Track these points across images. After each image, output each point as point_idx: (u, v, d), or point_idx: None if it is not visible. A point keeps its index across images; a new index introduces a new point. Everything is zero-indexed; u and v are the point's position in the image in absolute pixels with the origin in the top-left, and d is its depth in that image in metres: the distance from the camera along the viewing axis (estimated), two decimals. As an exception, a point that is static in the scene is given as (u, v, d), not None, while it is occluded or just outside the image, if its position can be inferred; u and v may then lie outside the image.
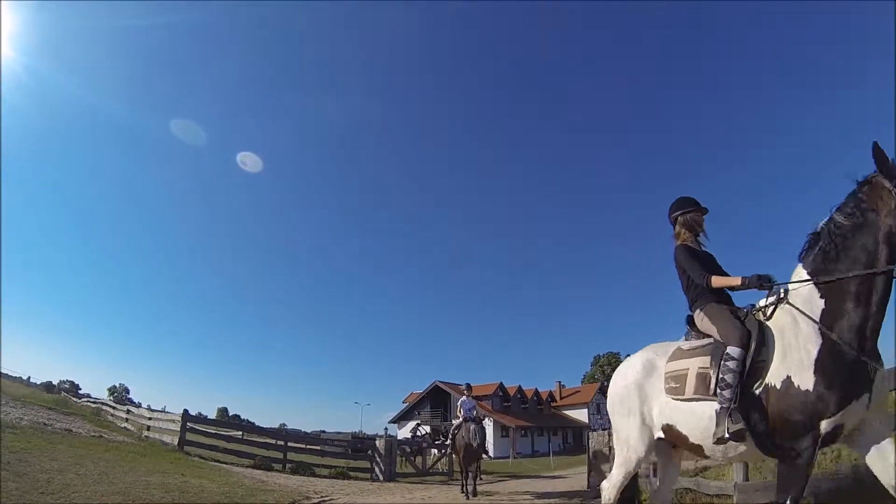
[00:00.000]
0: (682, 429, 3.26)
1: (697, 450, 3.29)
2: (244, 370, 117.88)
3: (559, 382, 59.96)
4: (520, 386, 50.80)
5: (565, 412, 55.82)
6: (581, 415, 54.47)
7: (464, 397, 11.07)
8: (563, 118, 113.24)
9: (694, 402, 3.17)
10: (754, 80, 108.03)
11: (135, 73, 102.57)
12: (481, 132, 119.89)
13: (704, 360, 3.18)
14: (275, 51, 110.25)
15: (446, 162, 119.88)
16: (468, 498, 9.84)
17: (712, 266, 3.58)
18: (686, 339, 3.53)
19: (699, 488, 5.89)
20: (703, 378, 3.14)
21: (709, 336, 3.32)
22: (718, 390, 2.97)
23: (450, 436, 11.91)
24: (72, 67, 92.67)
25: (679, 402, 3.26)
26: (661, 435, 3.41)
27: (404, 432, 46.51)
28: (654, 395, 3.44)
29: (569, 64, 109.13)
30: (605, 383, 65.50)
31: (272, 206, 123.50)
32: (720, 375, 2.98)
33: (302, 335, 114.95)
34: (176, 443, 12.18)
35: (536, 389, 53.74)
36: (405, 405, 52.65)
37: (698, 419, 3.13)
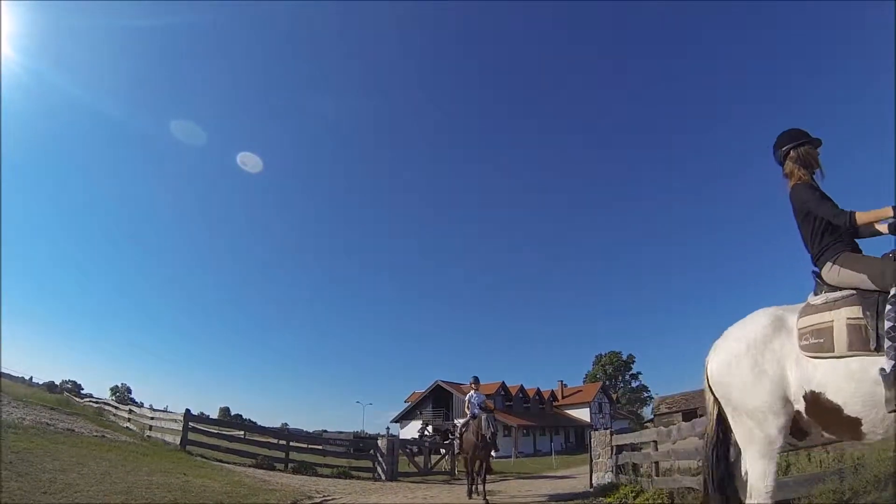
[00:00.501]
0: (835, 396, 2.51)
1: (851, 426, 2.51)
2: (246, 370, 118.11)
3: (561, 382, 60.05)
4: (522, 385, 50.83)
5: (567, 411, 55.86)
6: (583, 414, 54.49)
7: (472, 392, 10.34)
8: (567, 119, 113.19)
9: (851, 360, 2.47)
10: (753, 80, 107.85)
11: (135, 74, 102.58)
12: (484, 133, 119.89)
13: (853, 310, 2.56)
14: (275, 51, 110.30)
15: (448, 162, 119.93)
16: (470, 497, 9.74)
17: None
18: (815, 295, 2.88)
19: (702, 487, 5.86)
20: (857, 330, 2.49)
21: (847, 289, 2.71)
22: (887, 342, 2.32)
23: (457, 434, 11.10)
24: (72, 68, 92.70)
25: (826, 361, 2.55)
26: (802, 408, 2.65)
27: (407, 432, 46.58)
28: (789, 355, 2.71)
29: (570, 65, 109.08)
30: (607, 382, 66.20)
31: (272, 205, 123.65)
32: (888, 324, 2.34)
33: (304, 335, 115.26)
34: (178, 442, 12.18)
35: (538, 389, 53.79)
36: (407, 405, 52.75)
37: (858, 383, 2.42)
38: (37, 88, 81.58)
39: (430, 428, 46.17)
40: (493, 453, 10.03)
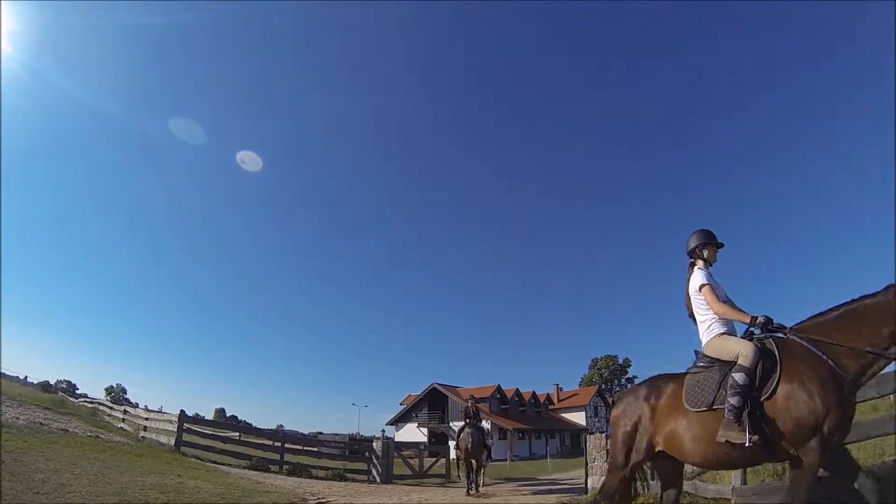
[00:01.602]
0: None
1: None
2: (242, 371, 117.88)
3: (557, 385, 60.01)
4: (517, 389, 50.75)
5: (563, 415, 55.81)
6: (579, 417, 54.43)
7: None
8: (564, 123, 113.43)
9: None
10: (751, 80, 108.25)
11: (134, 72, 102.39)
12: (482, 134, 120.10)
13: None
14: (275, 50, 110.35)
15: (445, 163, 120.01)
16: (468, 495, 10.31)
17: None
18: None
19: (697, 491, 5.87)
20: None
21: None
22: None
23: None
24: (71, 66, 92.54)
25: None
26: None
27: (402, 434, 46.44)
28: None
29: (568, 66, 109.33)
30: (603, 386, 66.28)
31: (270, 206, 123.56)
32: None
33: (300, 336, 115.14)
34: (172, 443, 12.13)
35: (534, 392, 53.72)
36: (403, 407, 52.60)
37: None
38: (36, 86, 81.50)
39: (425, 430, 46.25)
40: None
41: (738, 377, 3.36)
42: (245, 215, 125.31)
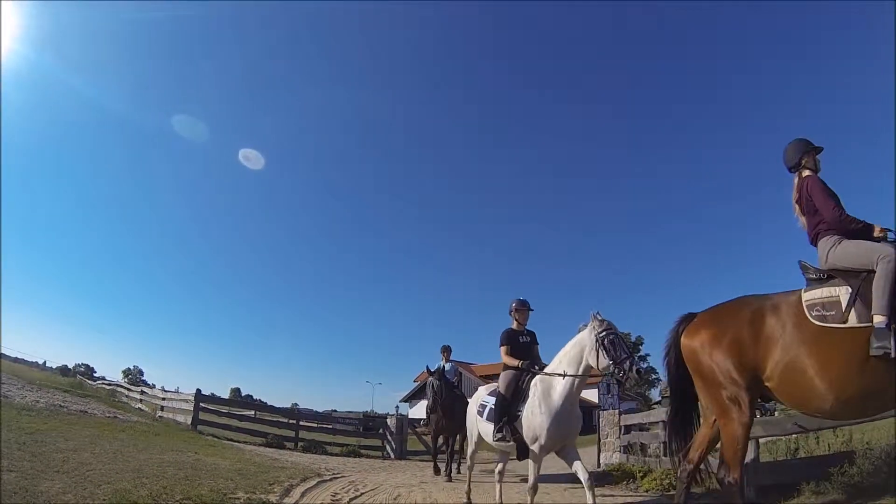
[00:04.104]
0: None
1: None
2: (257, 351, 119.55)
3: (569, 362, 59.92)
4: (529, 364, 50.74)
5: (574, 391, 55.86)
6: (591, 394, 54.23)
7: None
8: (566, 120, 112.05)
9: None
10: (750, 74, 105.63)
11: (137, 68, 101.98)
12: (482, 121, 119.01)
13: None
14: (279, 47, 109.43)
15: (453, 149, 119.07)
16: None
17: None
18: None
19: (707, 466, 5.83)
20: None
21: None
22: None
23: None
24: (74, 62, 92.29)
25: None
26: None
27: (416, 411, 46.91)
28: None
29: (569, 63, 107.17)
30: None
31: (284, 183, 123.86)
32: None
33: (314, 316, 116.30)
34: (189, 422, 12.36)
35: (546, 368, 53.69)
36: (416, 384, 52.96)
37: None
38: (39, 82, 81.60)
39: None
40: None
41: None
42: (258, 194, 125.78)
